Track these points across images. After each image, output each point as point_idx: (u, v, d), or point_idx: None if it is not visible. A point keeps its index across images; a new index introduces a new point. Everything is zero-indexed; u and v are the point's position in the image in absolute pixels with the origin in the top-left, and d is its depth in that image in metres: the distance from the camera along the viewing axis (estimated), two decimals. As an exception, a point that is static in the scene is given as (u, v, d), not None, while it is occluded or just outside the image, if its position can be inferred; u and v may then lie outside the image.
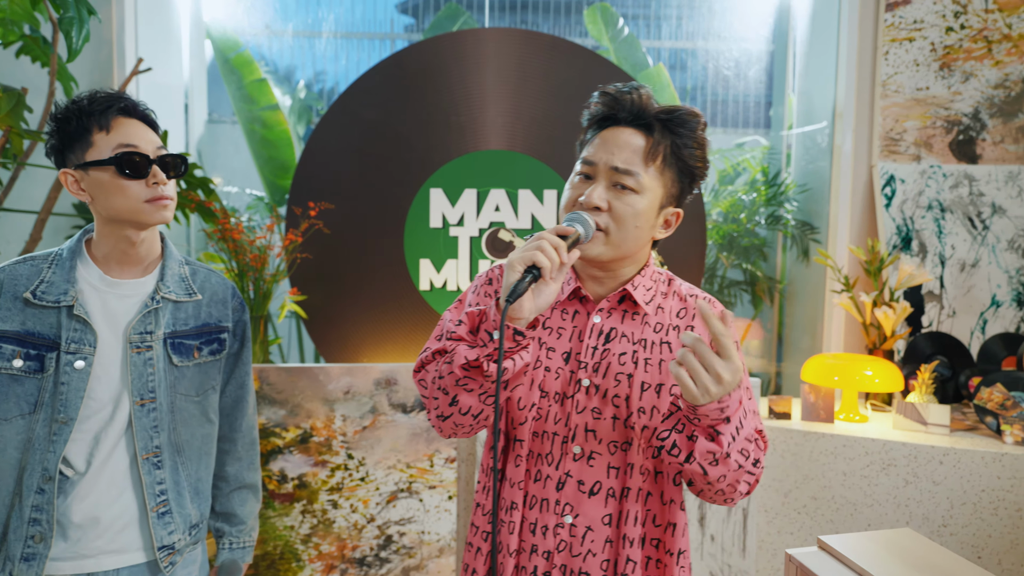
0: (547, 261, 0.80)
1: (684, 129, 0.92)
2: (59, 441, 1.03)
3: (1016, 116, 2.48)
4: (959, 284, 2.41)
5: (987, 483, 1.79)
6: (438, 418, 0.92)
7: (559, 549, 0.93)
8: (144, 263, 1.12)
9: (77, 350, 1.04)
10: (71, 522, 1.05)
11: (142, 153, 1.04)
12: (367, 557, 2.13)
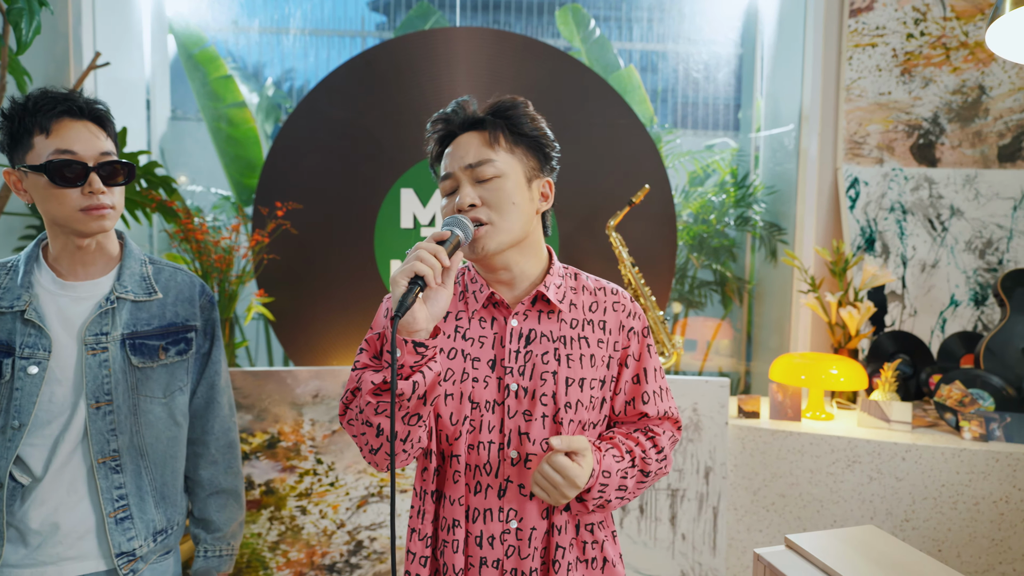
0: (428, 268, 0.80)
1: (512, 111, 0.95)
2: (11, 447, 0.99)
3: (972, 121, 2.56)
4: (920, 284, 2.48)
5: (947, 478, 1.84)
6: (371, 452, 0.91)
7: (508, 555, 0.93)
8: (99, 264, 1.08)
9: (31, 355, 1.00)
10: (29, 528, 1.01)
11: (79, 160, 1.00)
12: (337, 563, 2.10)
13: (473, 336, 0.96)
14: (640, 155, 2.40)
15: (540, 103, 2.38)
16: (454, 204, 0.93)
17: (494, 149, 0.93)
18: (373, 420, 0.86)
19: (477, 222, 0.91)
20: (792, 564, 1.06)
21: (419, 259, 0.81)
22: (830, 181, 2.58)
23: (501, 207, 0.91)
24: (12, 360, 1.00)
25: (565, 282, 1.00)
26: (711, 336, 3.41)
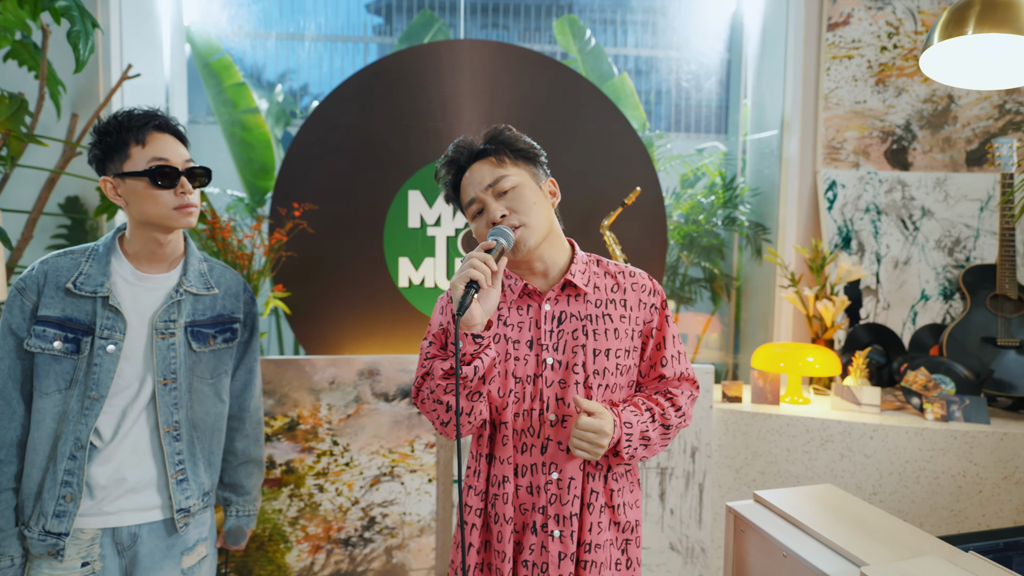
0: (480, 274, 0.98)
1: (501, 137, 1.13)
2: (91, 415, 1.15)
3: (942, 128, 2.74)
4: (893, 280, 2.66)
5: (910, 455, 2.02)
6: (442, 425, 1.09)
7: (551, 502, 1.10)
8: (169, 260, 1.25)
9: (109, 336, 1.17)
10: (97, 484, 1.17)
11: (172, 166, 1.17)
12: (352, 538, 2.26)
13: (512, 322, 1.13)
14: (632, 159, 2.57)
15: (538, 110, 2.55)
16: (486, 220, 1.10)
17: (504, 166, 1.10)
18: (442, 399, 1.04)
19: (513, 228, 1.07)
20: (758, 514, 1.23)
21: (473, 266, 0.97)
22: (810, 184, 2.76)
23: (527, 210, 1.09)
24: (92, 339, 1.17)
25: (589, 268, 1.17)
26: (701, 330, 3.58)
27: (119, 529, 1.20)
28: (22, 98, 1.79)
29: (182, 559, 1.25)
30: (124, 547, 1.21)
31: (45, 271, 1.18)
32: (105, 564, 1.19)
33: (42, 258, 1.21)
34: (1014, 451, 1.98)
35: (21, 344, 1.17)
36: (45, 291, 1.17)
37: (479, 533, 1.13)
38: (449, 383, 1.01)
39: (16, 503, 1.17)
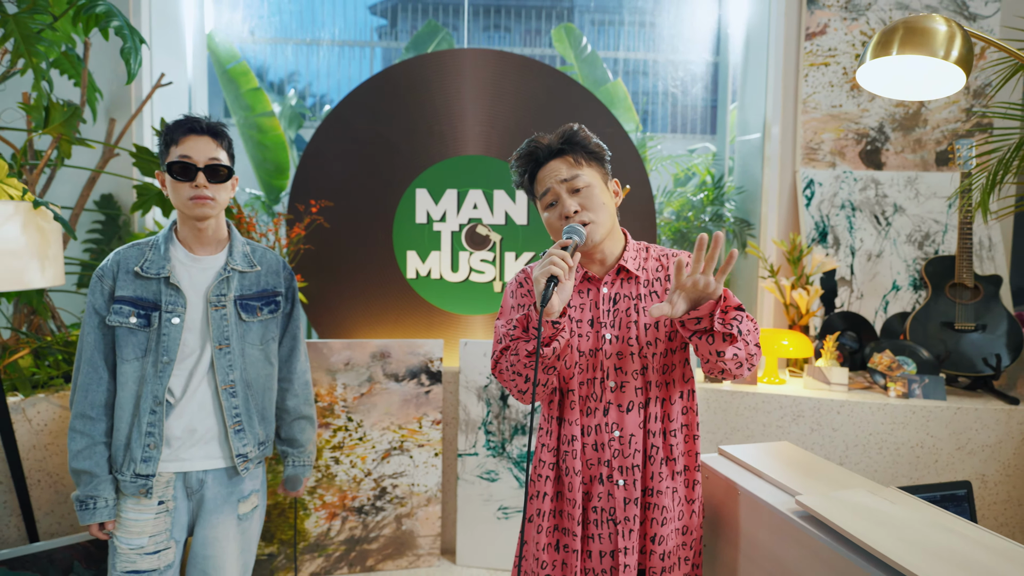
0: (560, 270, 1.13)
1: (577, 138, 1.28)
2: (164, 376, 1.36)
3: (913, 130, 2.94)
4: (866, 271, 2.85)
5: (873, 428, 2.22)
6: (520, 393, 1.25)
7: (614, 456, 1.26)
8: (215, 243, 1.45)
9: (173, 309, 1.38)
10: (173, 435, 1.39)
11: (191, 162, 1.37)
12: (365, 506, 2.47)
13: (575, 304, 1.29)
14: (624, 159, 2.76)
15: (536, 114, 2.75)
16: (559, 212, 1.24)
17: (579, 167, 1.25)
18: (522, 372, 1.20)
19: (584, 222, 1.22)
20: (721, 463, 1.43)
21: (553, 263, 1.12)
22: (790, 182, 2.96)
23: (596, 208, 1.23)
24: (159, 313, 1.38)
25: (639, 255, 1.33)
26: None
27: (190, 474, 1.41)
28: (77, 107, 2.00)
29: (239, 506, 1.46)
30: (192, 490, 1.43)
31: (118, 260, 1.40)
32: (177, 504, 1.41)
33: (115, 250, 1.44)
34: (966, 424, 2.18)
35: (103, 321, 1.38)
36: (119, 276, 1.38)
37: (552, 484, 1.29)
38: (531, 360, 1.18)
39: (108, 455, 1.39)
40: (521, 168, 1.30)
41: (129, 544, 1.36)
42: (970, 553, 0.96)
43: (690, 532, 1.31)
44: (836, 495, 1.16)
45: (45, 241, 1.68)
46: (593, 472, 1.27)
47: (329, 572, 2.44)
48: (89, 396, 1.37)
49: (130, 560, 1.36)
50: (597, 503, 1.26)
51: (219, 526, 1.44)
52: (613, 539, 1.24)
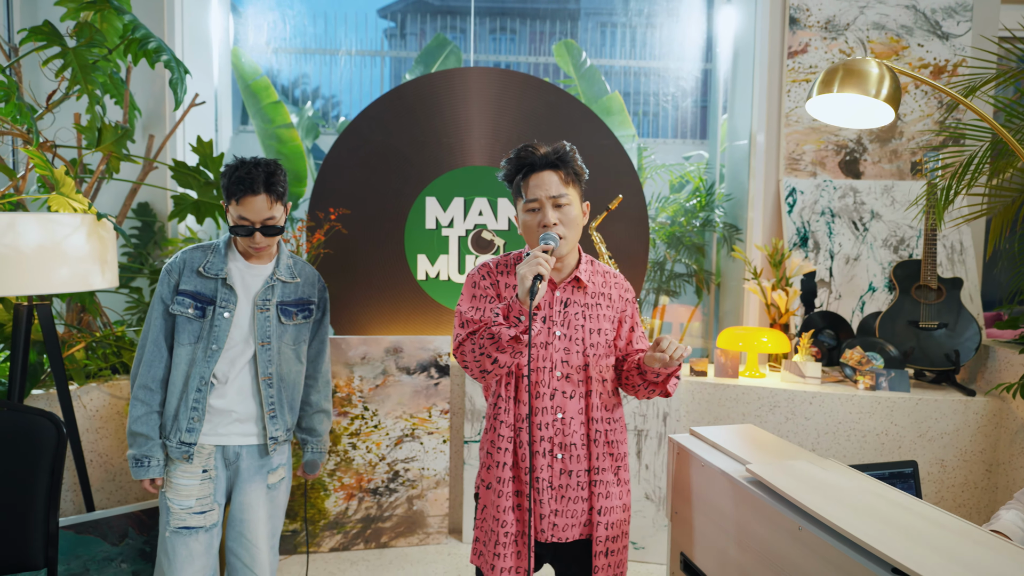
0: (545, 270, 1.34)
1: (568, 157, 1.49)
2: (211, 361, 1.60)
3: (890, 142, 3.14)
4: (844, 273, 3.06)
5: (843, 418, 2.43)
6: (481, 373, 1.44)
7: (555, 434, 1.49)
8: (266, 256, 1.70)
9: (225, 306, 1.62)
10: (214, 411, 1.63)
11: (249, 224, 1.61)
12: (379, 488, 2.70)
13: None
14: (619, 169, 2.99)
15: (537, 127, 2.98)
16: (539, 220, 1.43)
17: (567, 186, 1.46)
18: (492, 354, 1.38)
19: (559, 234, 1.43)
20: (691, 442, 1.65)
21: (539, 264, 1.33)
22: (774, 190, 3.17)
23: (570, 225, 1.45)
24: (213, 307, 1.62)
25: (588, 268, 1.55)
26: (686, 320, 4.00)
27: (228, 447, 1.66)
28: (128, 128, 2.24)
29: (268, 477, 1.71)
30: (230, 462, 1.67)
31: (184, 259, 1.66)
32: (217, 473, 1.65)
33: (182, 250, 1.68)
34: (927, 414, 2.39)
35: (167, 309, 1.64)
36: (184, 273, 1.63)
37: (510, 455, 1.50)
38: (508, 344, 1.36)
39: (160, 422, 1.63)
40: (515, 168, 1.49)
41: (179, 505, 1.61)
42: (887, 511, 1.18)
43: (627, 511, 1.55)
44: (780, 464, 1.39)
45: (104, 248, 1.93)
46: (536, 447, 1.48)
47: (347, 548, 2.68)
48: (151, 371, 1.62)
49: (181, 519, 1.60)
50: (539, 473, 1.47)
51: (252, 493, 1.68)
52: (553, 504, 1.47)
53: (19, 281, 1.73)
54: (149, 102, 2.99)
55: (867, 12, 3.10)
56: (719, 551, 1.45)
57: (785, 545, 1.22)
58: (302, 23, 5.56)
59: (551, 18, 7.55)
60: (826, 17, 3.10)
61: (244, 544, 1.67)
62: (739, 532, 1.38)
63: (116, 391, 2.36)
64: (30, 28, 2.05)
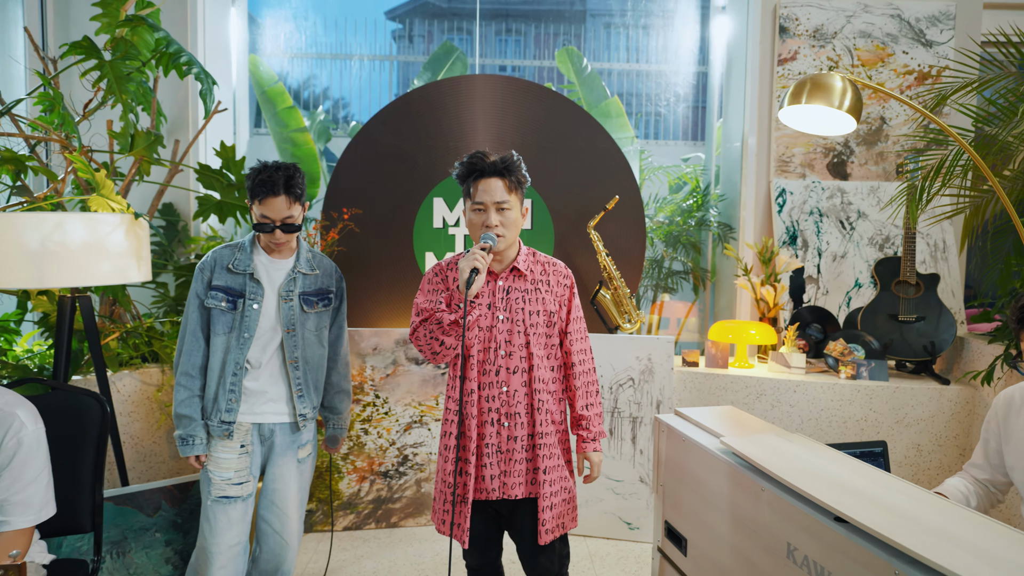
0: (481, 264, 1.56)
1: (513, 167, 1.68)
2: (244, 348, 1.78)
3: (876, 145, 3.29)
4: (831, 270, 3.22)
5: (825, 405, 2.58)
6: (432, 354, 1.67)
7: (501, 405, 1.69)
8: (286, 251, 1.87)
9: (253, 298, 1.79)
10: (249, 393, 1.80)
11: (270, 222, 1.79)
12: (389, 471, 2.88)
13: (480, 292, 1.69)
14: (616, 171, 3.15)
15: (539, 131, 3.15)
16: (483, 220, 1.65)
17: (511, 192, 1.67)
18: (440, 337, 1.62)
19: (497, 234, 1.64)
20: (675, 421, 1.81)
21: (476, 259, 1.56)
22: (764, 191, 3.33)
23: (510, 226, 1.66)
24: (243, 300, 1.80)
25: (528, 259, 1.76)
26: (683, 315, 4.15)
27: (263, 425, 1.84)
28: (159, 135, 2.43)
29: (298, 452, 1.89)
30: (265, 438, 1.85)
31: (215, 258, 1.83)
32: (254, 448, 1.83)
33: (212, 249, 1.86)
34: (904, 401, 2.54)
35: (202, 303, 1.81)
36: (215, 270, 1.81)
37: (455, 426, 1.70)
38: (451, 327, 1.60)
39: (201, 405, 1.81)
40: (466, 171, 1.70)
41: (220, 476, 1.79)
42: (839, 473, 1.33)
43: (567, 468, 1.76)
44: (750, 437, 1.55)
45: (140, 245, 2.11)
46: (485, 417, 1.69)
47: (359, 527, 2.86)
48: (191, 359, 1.80)
49: (220, 488, 1.78)
50: (488, 440, 1.68)
51: (283, 466, 1.86)
52: (501, 466, 1.68)
53: (67, 274, 1.91)
54: (173, 108, 3.18)
55: (854, 21, 3.25)
56: (697, 516, 1.62)
57: (751, 506, 1.39)
58: (314, 29, 5.75)
59: (556, 20, 7.69)
60: (814, 26, 3.26)
61: (275, 512, 1.85)
62: (714, 497, 1.54)
63: (147, 378, 2.54)
64: (71, 43, 2.23)
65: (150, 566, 2.10)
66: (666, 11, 4.56)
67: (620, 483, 2.78)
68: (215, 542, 1.76)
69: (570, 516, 1.79)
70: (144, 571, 2.09)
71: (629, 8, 5.98)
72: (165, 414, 2.57)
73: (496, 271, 1.73)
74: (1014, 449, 1.45)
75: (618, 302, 2.89)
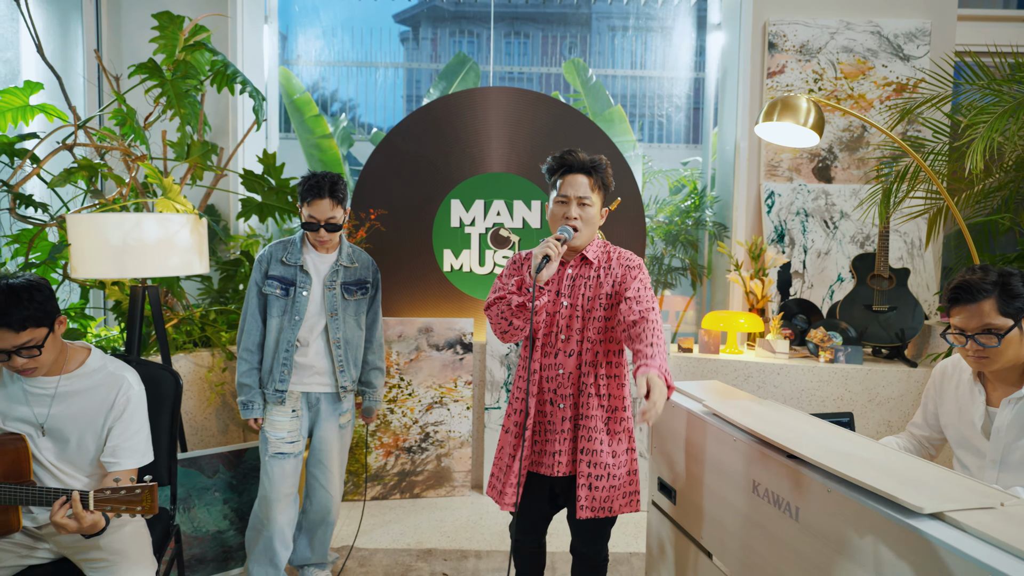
0: (553, 253, 1.69)
1: (601, 168, 1.84)
2: (295, 329, 2.09)
3: (857, 150, 3.58)
4: (816, 266, 3.50)
5: (804, 385, 2.87)
6: (502, 333, 1.80)
7: (557, 387, 1.84)
8: (330, 246, 2.18)
9: (303, 286, 2.10)
10: (299, 367, 2.11)
11: (316, 222, 2.08)
12: (413, 447, 3.18)
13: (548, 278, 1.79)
14: (619, 176, 3.44)
15: (547, 140, 3.45)
16: (564, 212, 1.73)
17: (594, 191, 1.76)
18: (508, 318, 1.75)
19: (575, 228, 1.77)
20: (673, 396, 2.11)
21: (549, 247, 1.68)
22: (755, 193, 3.61)
23: (588, 223, 1.76)
24: (294, 288, 2.10)
25: (599, 250, 1.87)
26: (683, 309, 4.44)
27: (310, 393, 2.14)
28: (215, 145, 2.74)
29: (339, 418, 2.19)
30: (312, 405, 2.15)
31: (271, 252, 2.14)
32: (303, 413, 2.14)
33: (269, 244, 2.16)
34: (875, 383, 2.83)
35: (260, 290, 2.12)
36: (271, 262, 2.12)
37: (521, 403, 1.86)
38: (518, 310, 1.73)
39: (259, 376, 2.11)
40: (557, 165, 1.79)
41: (275, 436, 2.10)
42: (795, 424, 1.63)
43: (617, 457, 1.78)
44: (727, 401, 1.85)
45: (201, 241, 2.42)
46: (544, 396, 1.83)
47: (385, 497, 3.16)
48: (250, 338, 2.11)
49: (276, 447, 2.09)
50: (543, 418, 1.82)
51: (328, 430, 2.17)
52: (551, 444, 1.81)
53: (143, 266, 2.22)
54: (215, 118, 3.50)
55: (837, 37, 3.53)
56: (683, 470, 1.92)
57: (725, 454, 1.69)
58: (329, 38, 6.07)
59: (563, 22, 7.95)
60: (800, 42, 3.54)
61: (321, 468, 2.16)
62: (697, 452, 1.84)
63: (199, 361, 2.85)
64: (138, 65, 2.55)
65: (211, 520, 2.42)
66: (664, 27, 4.86)
67: (621, 457, 3.07)
68: (274, 490, 2.08)
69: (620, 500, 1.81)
70: (206, 524, 2.41)
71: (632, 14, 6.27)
72: (215, 393, 2.88)
73: (566, 260, 1.81)
74: (947, 410, 1.74)
75: (620, 294, 3.19)
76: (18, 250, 2.48)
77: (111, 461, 1.64)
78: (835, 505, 1.27)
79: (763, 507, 1.52)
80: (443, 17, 7.99)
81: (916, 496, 1.14)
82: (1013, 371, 1.54)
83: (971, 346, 1.52)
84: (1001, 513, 1.11)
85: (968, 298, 1.49)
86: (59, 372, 1.63)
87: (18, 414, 1.59)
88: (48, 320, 1.52)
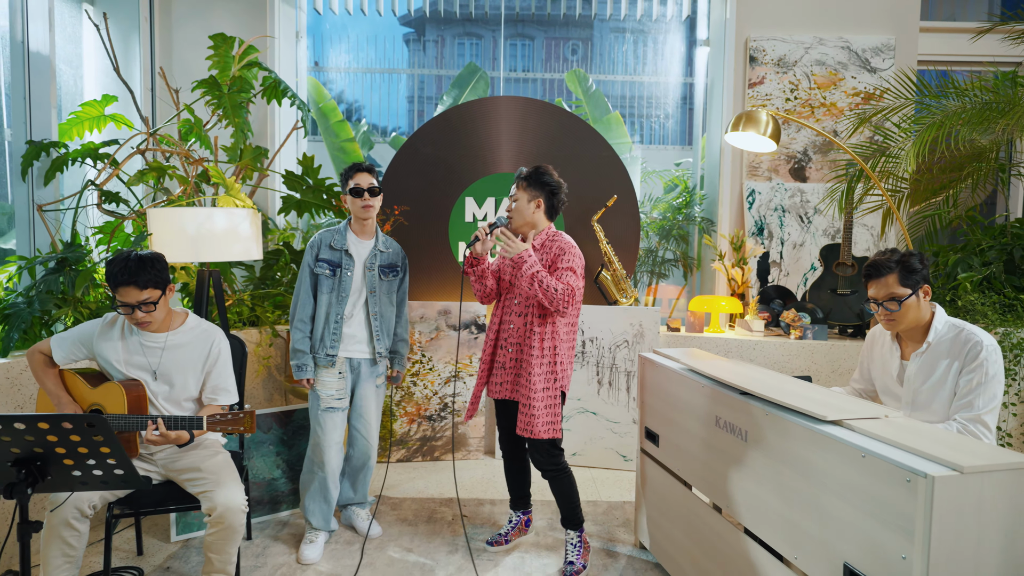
0: (481, 235, 2.31)
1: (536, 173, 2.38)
2: (342, 304, 2.50)
3: (829, 153, 3.99)
4: (792, 256, 3.91)
5: (777, 359, 3.29)
6: (476, 295, 2.44)
7: (509, 336, 2.38)
8: (370, 233, 2.59)
9: (348, 268, 2.51)
10: (345, 336, 2.52)
11: (361, 188, 2.51)
12: (433, 416, 3.60)
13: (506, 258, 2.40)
14: (615, 176, 3.85)
15: (553, 143, 3.87)
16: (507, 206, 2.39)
17: (520, 190, 2.38)
18: (473, 284, 2.39)
19: (509, 217, 2.37)
20: (656, 357, 2.53)
21: (479, 230, 2.31)
22: (738, 191, 4.03)
23: (515, 213, 2.37)
24: (340, 269, 2.51)
25: (544, 237, 2.41)
26: (675, 297, 4.86)
27: (352, 359, 2.56)
28: (264, 150, 3.16)
29: (376, 379, 2.61)
30: (354, 368, 2.57)
31: (320, 238, 2.55)
32: (347, 375, 2.55)
33: (318, 232, 2.58)
34: (838, 357, 3.24)
35: (311, 270, 2.53)
36: (321, 247, 2.53)
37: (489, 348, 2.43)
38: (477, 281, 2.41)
39: (311, 343, 2.52)
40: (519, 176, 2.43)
41: (326, 393, 2.51)
42: (753, 375, 2.04)
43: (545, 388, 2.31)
44: (701, 360, 2.27)
45: (257, 232, 2.84)
46: (499, 343, 2.42)
47: (409, 460, 3.59)
48: (304, 311, 2.52)
49: (327, 403, 2.51)
50: (498, 359, 2.42)
51: (367, 388, 2.59)
52: (502, 376, 2.39)
53: (213, 252, 2.64)
54: (256, 123, 3.92)
55: (811, 52, 3.95)
56: (665, 417, 2.34)
57: (695, 398, 2.11)
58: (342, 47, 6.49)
59: (566, 24, 8.32)
60: (778, 56, 3.96)
61: (362, 421, 2.59)
62: (675, 401, 2.26)
63: (248, 337, 3.28)
64: (199, 81, 2.97)
65: (266, 469, 2.84)
66: (657, 41, 5.29)
67: (617, 424, 3.49)
68: (325, 439, 2.50)
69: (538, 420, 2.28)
70: (262, 472, 2.83)
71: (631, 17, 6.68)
72: (263, 366, 3.30)
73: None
74: (875, 366, 2.16)
75: (616, 281, 3.60)
76: (101, 239, 2.90)
77: (212, 397, 2.07)
78: (771, 423, 1.69)
79: (722, 435, 1.94)
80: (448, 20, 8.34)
81: (823, 409, 1.56)
82: (917, 331, 1.96)
83: (881, 312, 1.94)
84: (883, 421, 1.53)
85: (876, 273, 1.91)
86: (167, 330, 2.06)
87: (136, 362, 2.02)
88: (163, 284, 1.95)
